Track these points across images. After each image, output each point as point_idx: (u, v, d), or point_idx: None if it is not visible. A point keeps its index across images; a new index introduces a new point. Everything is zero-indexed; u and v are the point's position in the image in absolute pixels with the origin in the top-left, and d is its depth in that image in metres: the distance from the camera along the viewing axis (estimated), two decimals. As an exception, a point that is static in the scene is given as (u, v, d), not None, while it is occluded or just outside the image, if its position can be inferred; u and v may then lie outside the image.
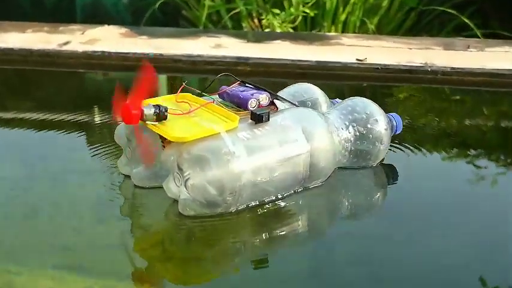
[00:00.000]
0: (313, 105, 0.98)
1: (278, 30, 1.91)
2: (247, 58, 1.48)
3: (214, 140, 0.80)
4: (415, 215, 0.85)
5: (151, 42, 1.56)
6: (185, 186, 0.79)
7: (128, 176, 0.88)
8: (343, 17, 2.02)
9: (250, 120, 0.84)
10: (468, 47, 1.59)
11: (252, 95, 0.87)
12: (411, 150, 1.04)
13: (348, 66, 1.46)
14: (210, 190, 0.79)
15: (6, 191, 0.89)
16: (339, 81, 1.47)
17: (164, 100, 0.87)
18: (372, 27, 2.02)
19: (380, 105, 0.95)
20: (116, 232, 0.80)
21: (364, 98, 0.96)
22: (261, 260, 0.75)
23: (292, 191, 0.87)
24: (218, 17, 2.06)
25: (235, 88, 0.90)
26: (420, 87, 1.44)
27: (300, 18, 1.96)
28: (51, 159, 1.00)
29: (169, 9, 2.13)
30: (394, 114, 0.98)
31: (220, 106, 0.86)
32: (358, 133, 0.92)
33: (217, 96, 0.90)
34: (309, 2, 1.94)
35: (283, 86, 1.03)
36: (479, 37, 1.91)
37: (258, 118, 0.83)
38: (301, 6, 1.92)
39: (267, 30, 1.95)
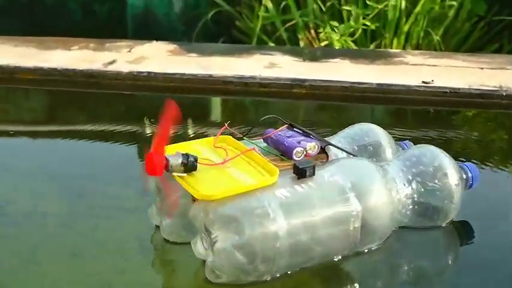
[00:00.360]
0: (376, 151, 0.86)
1: (336, 43, 1.77)
2: (303, 80, 1.35)
3: (247, 198, 0.70)
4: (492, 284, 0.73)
5: (200, 61, 1.45)
6: (212, 250, 0.70)
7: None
8: (406, 27, 1.88)
9: (292, 174, 0.73)
10: (547, 66, 1.42)
11: (299, 142, 0.77)
12: (490, 201, 0.90)
13: (413, 90, 1.31)
14: (239, 257, 0.69)
15: (51, 229, 0.84)
16: (402, 106, 1.33)
17: (201, 144, 0.79)
18: (436, 38, 1.87)
19: (447, 145, 0.89)
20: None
21: (433, 147, 0.83)
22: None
23: (340, 256, 0.76)
24: (273, 28, 1.93)
25: (281, 133, 0.79)
26: (495, 113, 1.29)
27: (360, 31, 1.81)
28: (92, 193, 0.93)
29: (223, 19, 2.02)
30: (469, 164, 0.85)
31: (260, 155, 0.76)
32: (422, 189, 0.79)
33: (261, 140, 0.81)
34: (369, 14, 1.79)
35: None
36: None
37: (300, 173, 0.73)
38: (361, 18, 1.77)
39: (324, 43, 1.81)
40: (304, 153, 0.77)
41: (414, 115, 1.35)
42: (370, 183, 0.76)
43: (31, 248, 0.80)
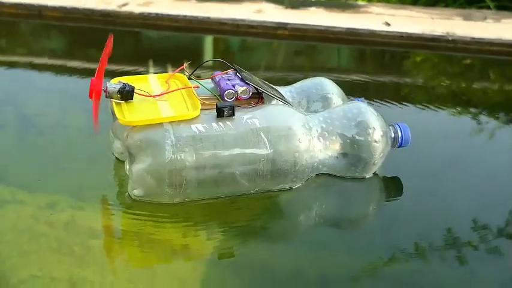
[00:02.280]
0: (324, 103, 0.88)
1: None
2: (286, 24, 1.52)
3: (161, 128, 0.71)
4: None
5: (200, 6, 1.60)
6: (130, 170, 0.73)
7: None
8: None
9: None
10: (485, 19, 1.61)
11: (234, 86, 0.77)
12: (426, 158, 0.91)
13: (376, 34, 1.49)
14: (148, 180, 0.72)
15: (73, 138, 0.92)
16: (366, 46, 1.50)
17: (156, 78, 0.81)
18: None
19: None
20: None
21: (363, 105, 0.82)
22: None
23: (253, 191, 0.77)
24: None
25: (225, 76, 0.80)
26: (438, 55, 1.47)
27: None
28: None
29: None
30: (402, 124, 0.83)
31: (194, 93, 0.77)
32: (342, 141, 0.80)
33: (210, 80, 0.81)
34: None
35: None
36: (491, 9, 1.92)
37: (219, 112, 0.73)
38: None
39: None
40: (236, 96, 0.77)
41: (374, 54, 1.53)
42: (285, 129, 0.75)
43: (55, 154, 0.86)
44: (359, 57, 1.56)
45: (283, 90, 0.88)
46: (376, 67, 1.45)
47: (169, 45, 1.57)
